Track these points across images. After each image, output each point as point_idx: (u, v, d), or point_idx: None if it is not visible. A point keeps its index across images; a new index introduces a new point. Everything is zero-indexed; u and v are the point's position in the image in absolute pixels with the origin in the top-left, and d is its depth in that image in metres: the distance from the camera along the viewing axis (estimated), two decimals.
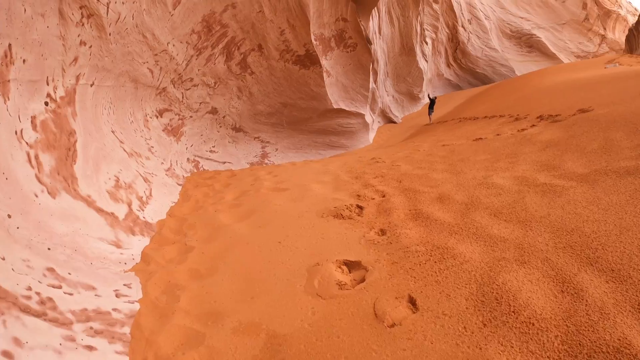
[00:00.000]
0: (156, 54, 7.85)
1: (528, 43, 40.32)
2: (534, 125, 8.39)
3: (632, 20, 42.43)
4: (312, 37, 11.82)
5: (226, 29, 9.65)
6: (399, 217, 4.88)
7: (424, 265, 3.51)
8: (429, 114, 21.85)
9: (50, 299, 3.09)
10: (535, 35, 39.98)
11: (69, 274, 3.53)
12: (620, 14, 41.89)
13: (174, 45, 8.29)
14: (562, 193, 4.22)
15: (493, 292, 2.87)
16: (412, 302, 3.08)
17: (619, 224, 3.27)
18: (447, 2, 32.68)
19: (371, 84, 17.69)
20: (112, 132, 6.78)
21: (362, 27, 14.05)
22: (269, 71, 12.00)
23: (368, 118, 17.91)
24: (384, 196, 5.90)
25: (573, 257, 3.02)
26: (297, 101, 13.77)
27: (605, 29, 41.97)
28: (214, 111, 11.55)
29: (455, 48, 35.65)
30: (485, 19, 36.96)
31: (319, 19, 12.66)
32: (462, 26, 34.75)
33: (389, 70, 23.10)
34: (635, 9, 45.25)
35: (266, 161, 14.63)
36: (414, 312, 2.95)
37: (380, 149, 13.58)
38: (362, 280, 3.58)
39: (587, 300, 2.52)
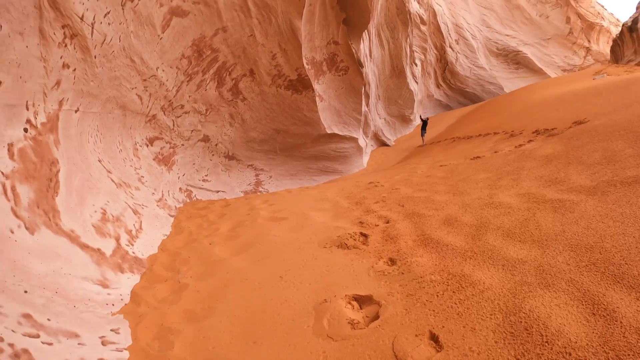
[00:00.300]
0: (145, 80, 7.60)
1: (515, 60, 40.72)
2: (531, 140, 8.31)
3: (615, 31, 43.07)
4: (304, 61, 11.68)
5: (217, 53, 9.46)
6: (407, 244, 4.59)
7: (442, 297, 3.20)
8: (422, 135, 21.81)
9: (25, 351, 2.73)
10: (521, 51, 40.41)
11: (49, 320, 3.18)
12: (603, 26, 42.51)
13: (163, 71, 8.05)
14: (574, 208, 4.04)
15: (521, 322, 2.60)
16: (435, 339, 2.75)
17: (638, 236, 3.12)
18: (434, 24, 33.03)
19: (363, 108, 17.57)
20: (99, 161, 6.46)
21: (353, 50, 13.99)
22: (261, 97, 11.81)
23: (361, 142, 17.75)
24: (388, 222, 5.62)
25: (598, 276, 2.82)
26: (290, 127, 13.56)
27: (589, 41, 42.52)
28: (205, 139, 11.28)
29: (444, 68, 35.89)
30: (472, 38, 37.34)
31: (310, 43, 12.55)
32: (450, 47, 35.07)
33: (380, 93, 23.08)
34: (617, 19, 45.97)
35: (260, 189, 14.33)
36: (438, 351, 2.63)
37: (376, 173, 13.35)
38: (376, 317, 3.24)
39: (621, 322, 2.34)
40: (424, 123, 21.79)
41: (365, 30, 15.70)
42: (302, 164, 15.80)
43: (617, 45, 30.69)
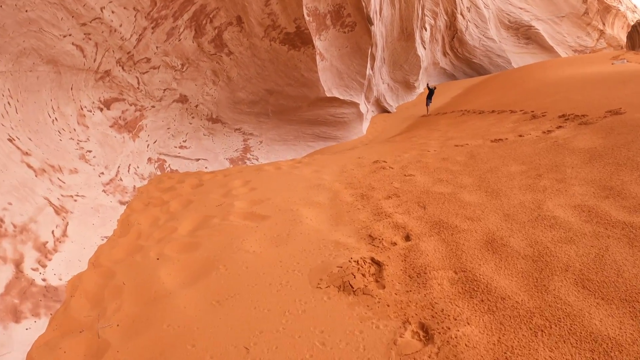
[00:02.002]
0: (84, 24, 5.44)
1: (526, 35, 38.12)
2: (560, 126, 7.01)
3: (631, 16, 40.90)
4: (305, 11, 9.42)
5: None
6: (443, 291, 2.94)
7: None
8: (427, 104, 19.97)
9: None
10: (533, 27, 37.76)
11: None
12: (620, 10, 39.91)
13: (113, 12, 5.86)
14: None
15: None
16: None
17: None
18: None
19: (368, 70, 15.40)
20: (10, 140, 4.44)
21: (363, 3, 11.61)
22: (251, 51, 9.60)
23: (363, 107, 15.74)
24: (408, 238, 3.87)
25: None
26: (285, 88, 11.44)
27: (604, 24, 40.00)
28: (183, 99, 9.19)
29: (453, 36, 33.28)
30: (485, 7, 34.53)
31: None
32: (461, 14, 32.32)
33: (385, 56, 20.61)
34: (635, 6, 43.34)
35: (248, 155, 12.38)
36: None
37: (380, 146, 11.30)
38: None
39: None
40: (430, 92, 19.78)
41: None
42: (297, 129, 13.83)
43: (636, 32, 28.60)
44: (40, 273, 3.76)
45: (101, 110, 6.98)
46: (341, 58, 12.88)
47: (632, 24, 39.72)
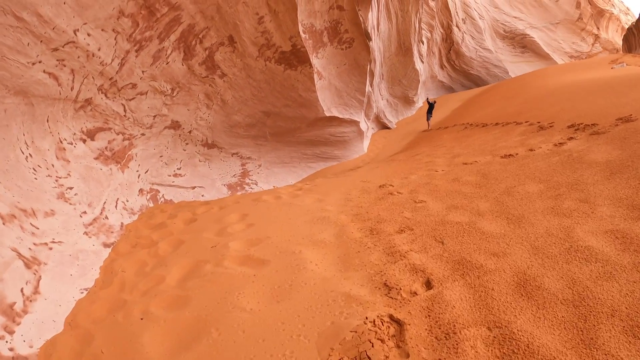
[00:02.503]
0: (56, 49, 4.84)
1: (521, 43, 37.91)
2: (571, 137, 6.63)
3: (624, 19, 40.76)
4: (300, 29, 8.89)
5: (179, 12, 6.64)
6: (478, 356, 2.39)
7: None
8: (428, 119, 19.46)
9: None
10: (528, 35, 37.57)
11: None
12: (613, 13, 39.82)
13: (88, 35, 5.27)
14: None
15: None
16: None
17: None
18: (442, 0, 29.85)
19: (367, 87, 14.90)
20: None
21: (360, 18, 11.10)
22: (246, 72, 9.04)
23: (363, 125, 15.20)
24: (429, 285, 3.31)
25: None
26: (283, 109, 10.87)
27: (598, 28, 39.87)
28: (175, 125, 8.60)
29: (449, 49, 32.95)
30: (480, 18, 34.32)
31: (308, 5, 9.68)
32: (457, 25, 32.03)
33: (383, 72, 20.13)
34: (627, 8, 43.19)
35: (247, 180, 11.76)
36: None
37: (384, 165, 10.68)
38: None
39: None
40: (431, 106, 19.26)
41: (372, 1, 12.73)
42: (296, 150, 13.24)
43: (632, 34, 28.43)
44: (6, 342, 3.14)
45: (84, 141, 6.38)
46: (339, 76, 12.34)
47: (626, 26, 39.65)
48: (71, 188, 5.68)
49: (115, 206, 6.71)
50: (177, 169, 9.45)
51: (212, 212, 6.86)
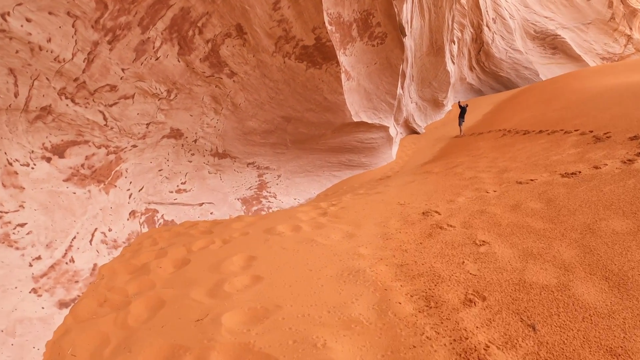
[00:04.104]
0: None
1: (552, 44, 35.15)
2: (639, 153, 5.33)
3: None
4: (326, 19, 7.07)
5: None
6: None
7: None
8: (460, 124, 17.33)
9: None
10: (559, 35, 34.79)
11: None
12: None
13: (27, 20, 3.56)
14: None
15: None
16: None
17: None
18: None
19: (399, 90, 12.99)
20: None
21: (395, 10, 9.17)
22: (260, 71, 7.27)
23: (392, 131, 13.32)
24: None
25: None
26: (305, 114, 9.10)
27: (631, 29, 36.71)
28: (176, 134, 6.93)
29: (479, 49, 30.58)
30: (510, 18, 31.79)
31: None
32: (487, 25, 29.62)
33: (413, 73, 18.07)
34: None
35: (264, 193, 10.06)
36: None
37: (421, 180, 8.80)
38: None
39: None
40: (463, 110, 17.17)
41: None
42: (320, 157, 11.49)
43: None
44: None
45: (48, 160, 4.73)
46: (369, 76, 10.47)
47: None
48: (23, 225, 4.05)
49: (90, 241, 5.06)
50: (181, 183, 7.80)
51: (212, 249, 5.12)
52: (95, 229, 5.30)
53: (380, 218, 5.48)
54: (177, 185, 7.70)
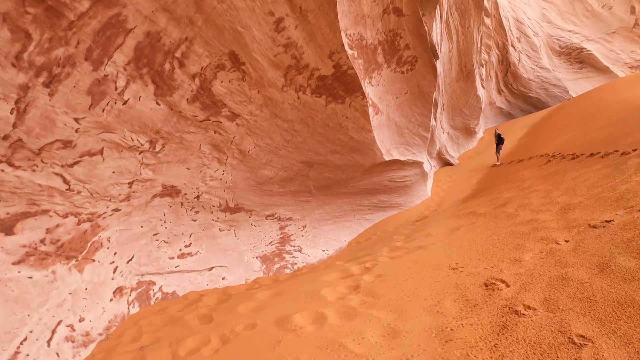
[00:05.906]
0: None
1: (578, 58, 33.17)
2: None
3: None
4: (345, 41, 5.65)
5: (115, 9, 3.50)
6: None
7: None
8: (497, 152, 15.56)
9: None
10: (585, 48, 32.83)
11: None
12: None
13: None
14: None
15: None
16: None
17: None
18: (496, 18, 25.74)
19: (432, 121, 11.45)
20: None
21: (425, 28, 7.65)
22: (270, 110, 5.84)
23: (426, 166, 11.73)
24: None
25: None
26: (329, 157, 7.63)
27: None
28: (170, 192, 5.55)
29: (506, 71, 28.87)
30: (534, 35, 30.09)
31: (353, 4, 6.32)
32: (512, 45, 27.98)
33: (444, 101, 16.50)
34: None
35: (287, 247, 8.56)
36: None
37: (467, 228, 7.06)
38: None
39: None
40: (500, 139, 15.43)
41: (438, 5, 9.12)
42: (350, 202, 9.98)
43: None
44: None
45: None
46: (400, 108, 8.97)
47: None
48: None
49: (49, 341, 3.65)
50: (185, 246, 6.39)
51: (203, 357, 3.58)
52: (59, 322, 3.90)
53: (431, 296, 3.88)
54: (180, 249, 6.28)
